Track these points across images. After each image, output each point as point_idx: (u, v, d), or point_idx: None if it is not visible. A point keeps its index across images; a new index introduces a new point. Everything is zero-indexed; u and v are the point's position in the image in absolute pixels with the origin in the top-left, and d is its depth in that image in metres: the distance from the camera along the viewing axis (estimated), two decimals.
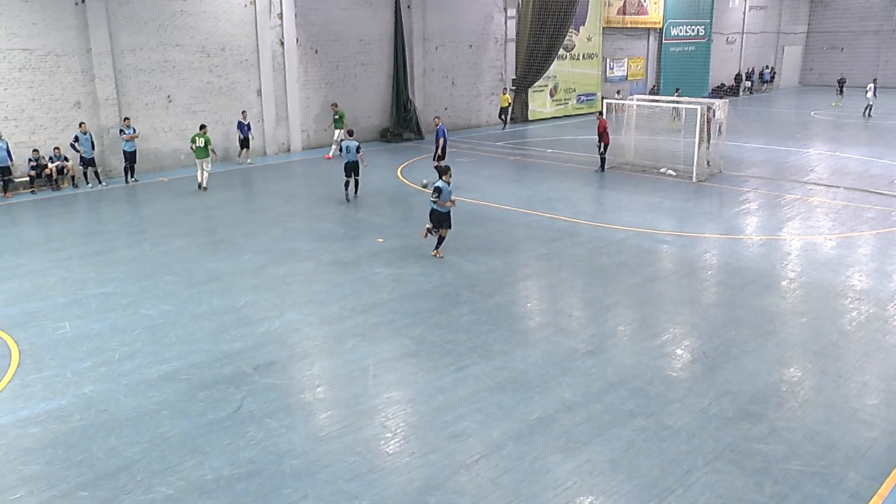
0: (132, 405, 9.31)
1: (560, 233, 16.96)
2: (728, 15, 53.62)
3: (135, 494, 7.48)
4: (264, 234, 17.42)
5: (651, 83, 48.33)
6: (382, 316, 12.15)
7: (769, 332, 11.34)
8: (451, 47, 35.28)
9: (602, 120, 24.44)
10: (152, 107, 25.46)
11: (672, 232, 17.14)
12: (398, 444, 8.35)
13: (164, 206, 20.73)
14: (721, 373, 9.98)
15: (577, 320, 12.07)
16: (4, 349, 11.04)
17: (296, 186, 23.66)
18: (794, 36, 61.59)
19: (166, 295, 13.31)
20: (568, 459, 7.96)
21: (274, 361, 10.52)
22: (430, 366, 10.29)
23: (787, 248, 15.86)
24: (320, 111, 30.61)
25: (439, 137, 22.86)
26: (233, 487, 7.57)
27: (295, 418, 8.96)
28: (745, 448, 8.14)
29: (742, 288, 13.30)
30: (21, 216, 19.87)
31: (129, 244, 16.73)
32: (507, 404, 9.17)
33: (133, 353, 10.84)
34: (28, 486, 7.67)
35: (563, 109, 40.92)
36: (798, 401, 9.22)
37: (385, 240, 16.54)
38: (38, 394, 9.66)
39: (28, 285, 13.97)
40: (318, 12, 29.72)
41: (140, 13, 24.73)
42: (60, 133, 23.32)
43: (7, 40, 22.08)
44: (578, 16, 39.12)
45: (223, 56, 27.11)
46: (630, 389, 9.52)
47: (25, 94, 22.70)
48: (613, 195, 21.05)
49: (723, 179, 23.12)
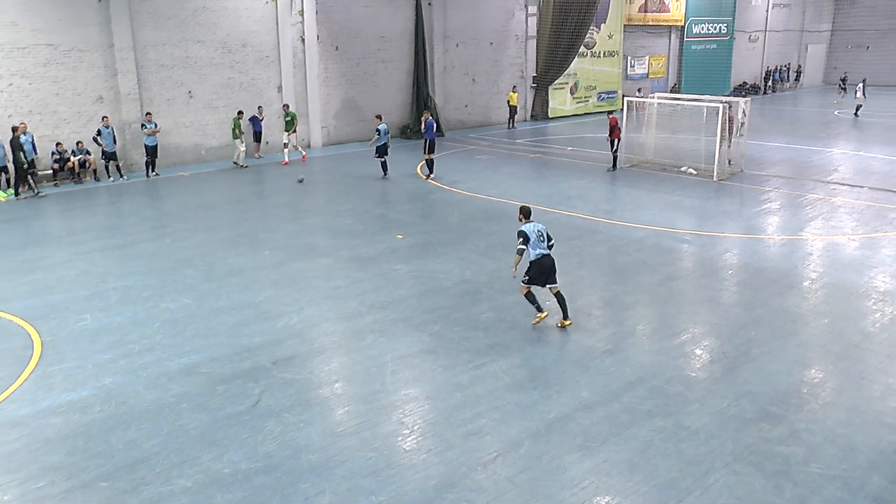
0: (152, 398, 9.38)
1: (579, 231, 16.89)
2: (750, 13, 53.18)
3: (153, 486, 7.54)
4: (284, 229, 17.49)
5: (672, 81, 48.02)
6: (401, 312, 12.16)
7: (790, 333, 11.23)
8: (472, 44, 35.23)
9: (612, 117, 24.32)
10: (173, 102, 25.64)
11: (692, 231, 17.02)
12: (415, 441, 8.35)
13: (184, 200, 20.87)
14: (741, 373, 9.89)
15: (596, 319, 12.01)
16: (27, 340, 11.16)
17: (315, 182, 23.73)
18: (817, 34, 60.95)
19: (186, 289, 13.40)
20: (585, 459, 7.93)
21: (293, 356, 10.56)
22: (448, 363, 10.28)
23: (809, 248, 15.70)
24: (340, 108, 30.70)
25: (425, 131, 23.36)
26: (250, 481, 7.60)
27: (313, 413, 8.98)
28: (764, 450, 8.06)
29: (763, 288, 13.18)
30: (44, 209, 20.07)
31: (150, 238, 16.86)
32: (525, 402, 9.15)
33: (153, 346, 10.92)
34: (49, 475, 7.75)
35: (584, 107, 40.76)
36: (819, 403, 9.12)
37: (404, 236, 16.55)
38: (59, 385, 9.75)
39: (51, 277, 14.11)
40: (339, 9, 29.79)
41: (162, 9, 24.89)
42: (83, 127, 23.53)
43: (32, 36, 22.31)
44: (599, 13, 38.97)
45: (244, 52, 27.23)
46: (648, 389, 9.46)
47: (49, 88, 22.93)
48: (633, 193, 20.93)
49: (744, 178, 22.93)
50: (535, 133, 34.44)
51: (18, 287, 13.59)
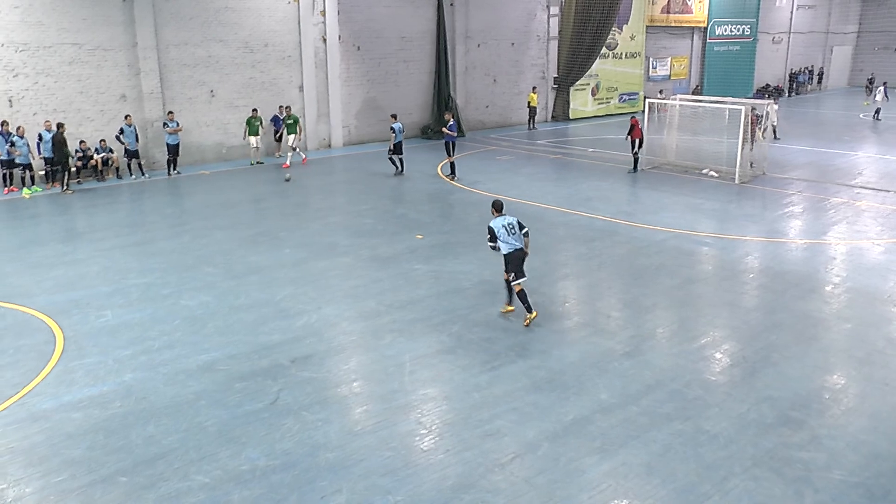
0: (171, 394, 9.45)
1: (599, 232, 16.82)
2: (775, 14, 52.69)
3: (172, 482, 7.59)
4: (304, 228, 17.56)
5: (694, 83, 47.69)
6: (420, 312, 12.16)
7: (812, 338, 11.11)
8: (493, 45, 35.19)
9: (634, 118, 24.23)
10: (195, 101, 25.82)
11: (713, 234, 16.89)
12: (433, 441, 8.35)
13: (205, 198, 21.01)
14: (761, 378, 9.80)
15: (615, 321, 11.95)
16: (50, 336, 11.28)
17: (336, 182, 23.82)
18: (843, 36, 60.28)
19: (206, 286, 13.48)
20: (603, 461, 7.89)
21: (311, 355, 10.58)
22: (467, 363, 10.27)
23: (832, 252, 15.53)
24: (361, 107, 30.77)
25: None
26: (268, 478, 7.63)
27: (331, 412, 9.00)
28: (784, 455, 7.97)
29: (784, 292, 13.05)
30: (67, 206, 20.28)
31: (171, 235, 16.99)
32: (543, 404, 9.12)
33: (172, 343, 11.00)
34: (70, 469, 7.82)
35: (605, 108, 40.60)
36: (841, 408, 9.01)
37: (424, 236, 16.56)
38: (80, 380, 9.85)
39: (73, 273, 14.26)
40: (361, 9, 29.86)
41: (185, 9, 25.09)
42: (106, 125, 23.76)
43: (58, 35, 22.57)
44: (622, 14, 38.79)
45: (266, 52, 27.38)
46: (668, 392, 9.40)
47: (74, 87, 23.19)
48: (654, 195, 20.81)
49: (766, 181, 22.73)
50: (556, 134, 34.34)
51: (42, 283, 13.74)
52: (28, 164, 21.57)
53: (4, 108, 22.00)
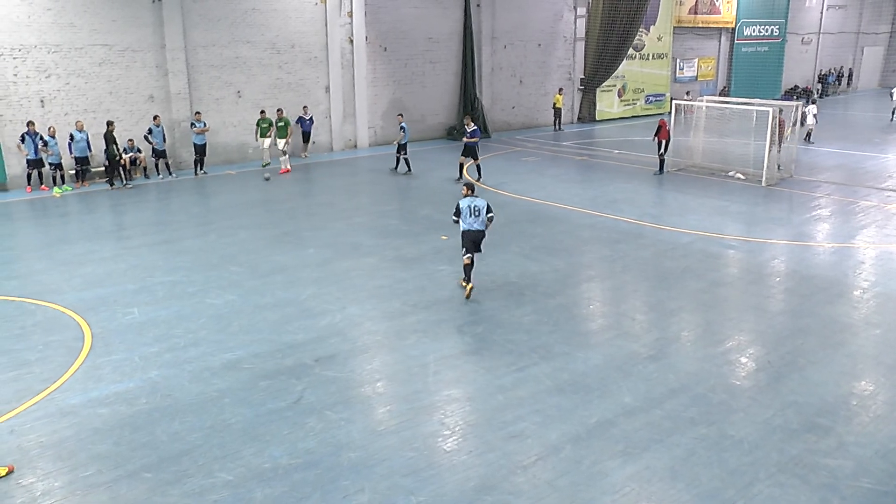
0: (195, 391, 9.54)
1: (625, 235, 16.73)
2: (804, 14, 52.09)
3: (196, 478, 7.66)
4: (329, 228, 17.64)
5: (721, 84, 47.28)
6: (444, 313, 12.17)
7: (839, 343, 10.97)
8: (520, 46, 35.13)
9: (661, 119, 24.13)
10: (222, 101, 26.04)
11: (739, 237, 16.74)
12: (456, 442, 8.35)
13: (230, 198, 21.18)
14: (787, 383, 9.69)
15: (640, 324, 11.89)
16: (78, 332, 11.44)
17: (361, 182, 23.91)
18: (875, 36, 59.42)
19: (231, 285, 13.59)
20: (626, 465, 7.85)
21: (335, 354, 10.64)
22: (491, 364, 10.27)
23: (861, 256, 15.32)
24: (388, 108, 30.84)
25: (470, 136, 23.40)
26: (291, 476, 7.68)
27: (354, 411, 9.04)
28: (810, 462, 7.88)
29: (811, 296, 12.90)
30: (96, 204, 20.55)
31: (197, 234, 17.15)
32: (567, 406, 9.09)
33: (198, 341, 11.10)
34: (97, 464, 7.93)
35: (631, 110, 40.39)
36: (869, 415, 8.89)
37: (449, 237, 16.56)
38: (107, 376, 9.98)
39: (101, 271, 14.45)
40: (388, 10, 29.95)
41: (213, 10, 25.32)
42: (134, 125, 24.04)
43: (89, 36, 22.89)
44: (649, 15, 38.57)
45: (293, 53, 27.54)
46: (692, 396, 9.33)
47: (104, 87, 23.49)
48: (680, 198, 20.66)
49: (793, 184, 22.47)
50: (582, 135, 34.21)
51: (71, 280, 13.94)
52: (59, 164, 21.89)
53: (36, 109, 22.35)
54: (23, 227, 18.69)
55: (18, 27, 21.71)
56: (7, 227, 18.34)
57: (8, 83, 21.83)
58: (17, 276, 14.34)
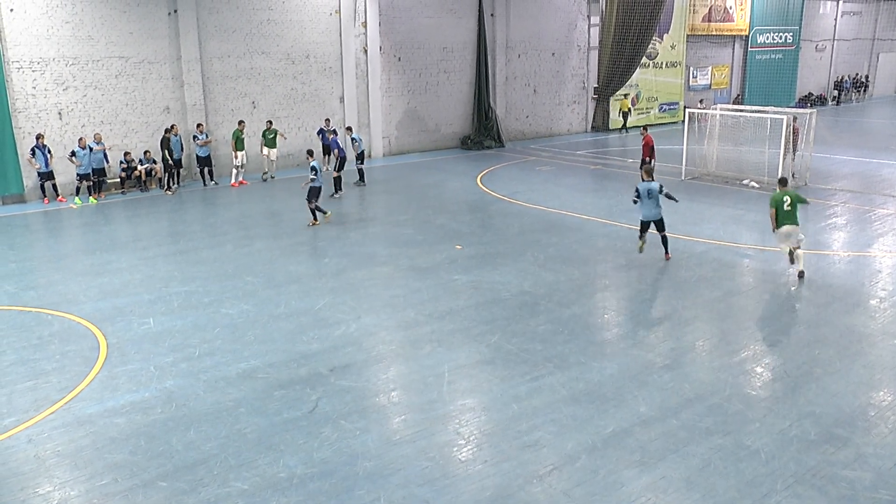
0: (211, 401, 9.58)
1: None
2: (818, 21, 51.82)
3: (211, 488, 7.69)
4: (343, 238, 17.69)
5: (735, 92, 47.11)
6: (459, 322, 12.17)
7: (856, 353, 10.88)
8: (534, 55, 35.18)
9: (647, 135, 23.57)
10: (238, 112, 26.18)
11: (754, 245, 16.66)
12: (471, 452, 8.34)
13: (245, 208, 21.30)
14: (803, 393, 9.62)
15: (655, 333, 11.85)
16: (94, 342, 11.52)
17: (375, 192, 23.95)
18: (891, 43, 59.02)
19: (246, 295, 13.65)
20: (642, 475, 7.81)
21: (350, 364, 10.66)
22: (506, 374, 10.26)
23: (878, 265, 15.21)
24: (402, 118, 30.96)
25: (333, 148, 23.63)
26: (306, 486, 7.69)
27: (369, 421, 9.05)
28: (828, 473, 7.81)
29: (827, 306, 12.81)
30: (112, 215, 20.72)
31: (212, 245, 17.25)
32: (582, 416, 9.07)
33: (213, 351, 11.16)
34: (113, 473, 7.98)
35: (645, 118, 40.23)
36: (888, 427, 8.80)
37: (464, 247, 16.58)
38: (123, 386, 10.04)
39: (117, 281, 14.55)
40: (403, 20, 30.09)
41: (228, 22, 25.52)
42: (150, 137, 24.24)
43: (106, 48, 23.13)
44: (662, 23, 38.49)
45: (307, 63, 27.71)
46: (708, 406, 9.28)
47: (120, 99, 23.71)
48: (694, 207, 20.58)
49: (808, 192, 22.30)
50: (597, 144, 34.18)
51: (88, 290, 14.05)
52: (86, 175, 22.05)
53: (55, 121, 22.57)
54: (40, 238, 18.87)
55: (38, 40, 21.96)
56: (25, 238, 18.54)
57: (27, 95, 22.07)
58: (34, 286, 14.47)
